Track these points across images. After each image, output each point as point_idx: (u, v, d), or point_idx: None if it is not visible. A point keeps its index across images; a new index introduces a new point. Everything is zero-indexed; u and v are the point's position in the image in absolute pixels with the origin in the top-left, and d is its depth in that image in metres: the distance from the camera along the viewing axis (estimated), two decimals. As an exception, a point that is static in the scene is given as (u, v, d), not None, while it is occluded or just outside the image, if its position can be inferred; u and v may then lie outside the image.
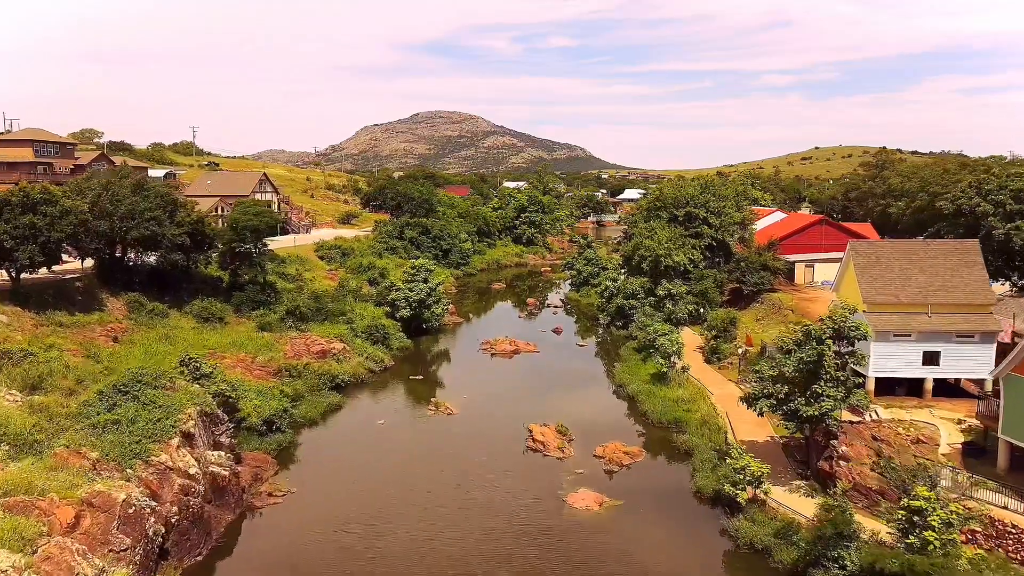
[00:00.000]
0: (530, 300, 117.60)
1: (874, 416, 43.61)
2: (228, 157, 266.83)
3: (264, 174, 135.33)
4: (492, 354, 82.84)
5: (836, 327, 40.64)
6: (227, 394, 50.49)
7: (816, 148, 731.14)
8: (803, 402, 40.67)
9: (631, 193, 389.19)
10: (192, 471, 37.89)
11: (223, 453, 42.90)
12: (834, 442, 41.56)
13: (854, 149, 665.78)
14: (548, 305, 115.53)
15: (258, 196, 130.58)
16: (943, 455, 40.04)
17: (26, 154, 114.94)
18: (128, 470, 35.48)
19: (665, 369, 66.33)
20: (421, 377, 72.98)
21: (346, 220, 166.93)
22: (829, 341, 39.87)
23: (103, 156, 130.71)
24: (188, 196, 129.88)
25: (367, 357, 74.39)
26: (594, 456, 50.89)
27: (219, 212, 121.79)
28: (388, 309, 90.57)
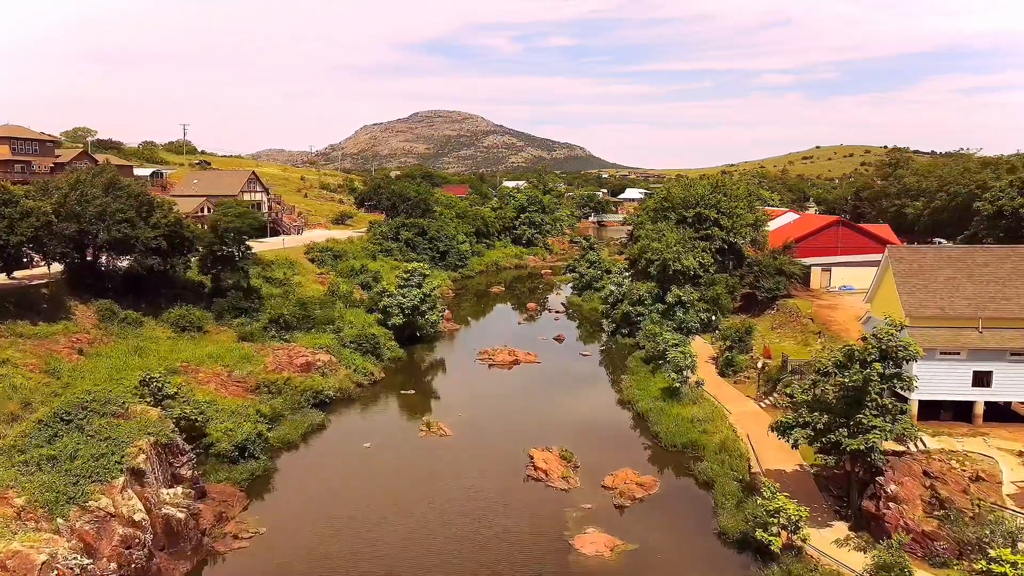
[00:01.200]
0: (530, 304, 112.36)
1: (921, 446, 38.33)
2: (225, 156, 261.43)
3: (253, 173, 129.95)
4: (490, 364, 77.48)
5: (883, 347, 35.30)
6: (193, 417, 45.21)
7: (817, 147, 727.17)
8: (845, 433, 35.33)
9: (632, 193, 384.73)
10: (138, 517, 32.57)
11: (181, 489, 37.57)
12: (880, 479, 36.24)
13: (855, 148, 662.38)
14: (549, 310, 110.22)
15: (246, 196, 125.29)
16: (1008, 496, 34.78)
17: (2, 151, 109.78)
18: (59, 519, 30.20)
19: (677, 384, 61.02)
20: (413, 392, 67.57)
21: (340, 220, 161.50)
22: (878, 365, 34.54)
23: (85, 154, 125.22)
24: (174, 196, 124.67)
25: (355, 369, 69.03)
26: (603, 487, 45.51)
27: (204, 212, 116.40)
28: (380, 316, 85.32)
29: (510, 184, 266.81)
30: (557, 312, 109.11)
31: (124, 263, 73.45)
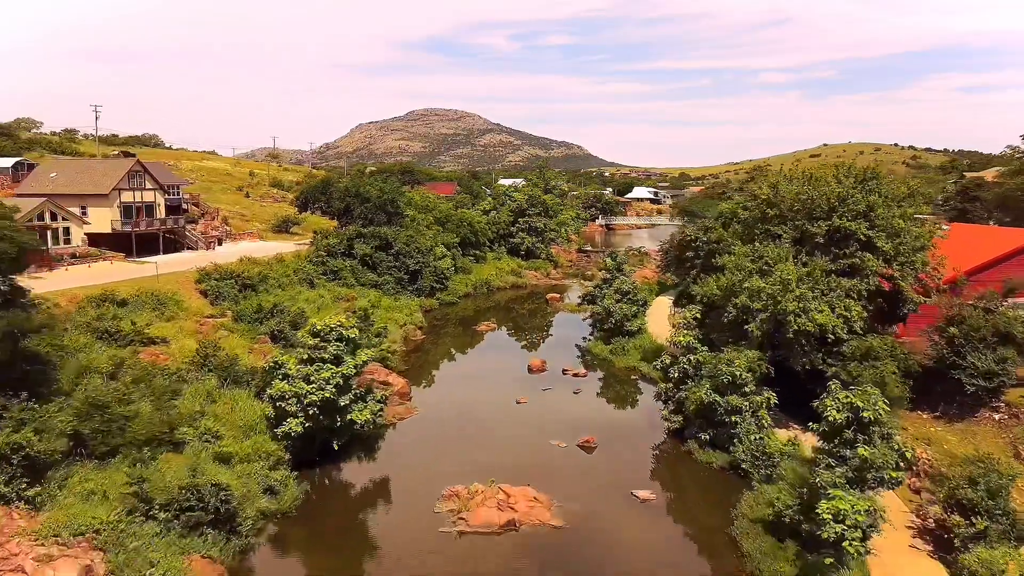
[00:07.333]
0: (534, 361, 73.81)
1: None
2: (198, 151, 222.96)
3: (138, 162, 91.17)
4: (461, 531, 39.24)
5: None
6: None
7: (825, 145, 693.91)
8: None
9: (640, 191, 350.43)
10: None
11: None
12: None
13: (865, 146, 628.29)
14: (565, 372, 71.90)
15: (126, 195, 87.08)
16: None
17: None
18: None
19: None
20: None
21: (283, 228, 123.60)
22: None
23: None
24: (17, 195, 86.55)
25: (152, 588, 30.80)
26: None
27: (47, 220, 78.04)
28: (272, 410, 47.41)
29: (506, 182, 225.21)
30: (576, 374, 70.97)
31: None
